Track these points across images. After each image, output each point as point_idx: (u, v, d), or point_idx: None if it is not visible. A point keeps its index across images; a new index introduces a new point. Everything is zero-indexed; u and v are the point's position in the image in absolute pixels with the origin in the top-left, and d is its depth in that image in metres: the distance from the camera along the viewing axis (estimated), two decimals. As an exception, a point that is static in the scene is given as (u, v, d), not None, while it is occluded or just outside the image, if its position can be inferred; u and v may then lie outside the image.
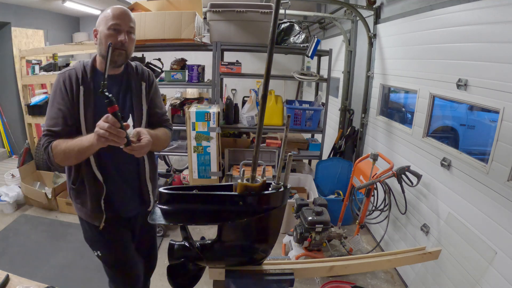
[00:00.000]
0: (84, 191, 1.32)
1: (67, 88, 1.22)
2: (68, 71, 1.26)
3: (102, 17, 1.25)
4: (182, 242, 0.70)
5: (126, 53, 1.27)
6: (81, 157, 1.19)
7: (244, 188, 0.60)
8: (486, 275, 1.59)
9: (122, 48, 1.24)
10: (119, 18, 1.22)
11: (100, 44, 1.25)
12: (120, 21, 1.22)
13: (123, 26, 1.23)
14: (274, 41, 0.53)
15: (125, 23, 1.24)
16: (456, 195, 1.89)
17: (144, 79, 1.41)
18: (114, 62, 1.25)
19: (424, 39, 2.26)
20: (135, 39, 1.31)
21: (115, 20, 1.21)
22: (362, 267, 0.71)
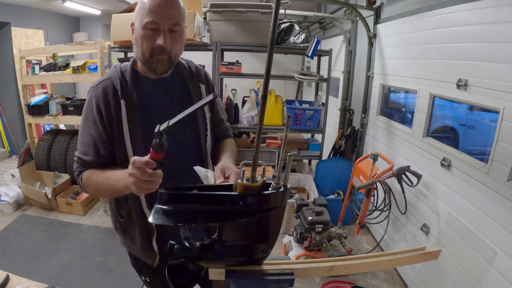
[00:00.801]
0: (133, 227, 1.10)
1: (102, 108, 0.98)
2: (102, 83, 1.01)
3: (138, 8, 0.98)
4: (182, 242, 0.70)
5: (170, 59, 0.98)
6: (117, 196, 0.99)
7: (244, 188, 0.60)
8: (486, 275, 1.59)
9: (162, 54, 0.95)
10: (156, 12, 0.91)
11: (136, 45, 0.98)
12: (157, 18, 0.92)
13: (162, 23, 0.92)
14: (274, 41, 0.53)
15: (165, 19, 0.92)
16: (456, 195, 1.89)
17: (202, 80, 1.14)
18: (154, 71, 0.99)
19: (424, 39, 2.26)
20: (183, 36, 0.99)
21: (151, 16, 0.91)
22: (362, 267, 0.71)
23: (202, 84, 1.13)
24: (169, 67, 1.01)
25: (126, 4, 4.30)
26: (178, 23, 0.95)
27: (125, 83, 1.00)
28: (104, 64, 3.28)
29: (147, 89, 1.04)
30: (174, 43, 0.96)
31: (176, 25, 0.95)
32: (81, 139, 1.02)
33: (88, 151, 1.00)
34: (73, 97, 4.00)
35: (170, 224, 0.61)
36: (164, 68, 0.99)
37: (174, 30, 0.95)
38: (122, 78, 1.01)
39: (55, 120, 3.48)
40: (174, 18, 0.94)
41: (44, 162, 3.56)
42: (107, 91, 0.99)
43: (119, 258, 2.59)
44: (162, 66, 0.98)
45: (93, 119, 0.99)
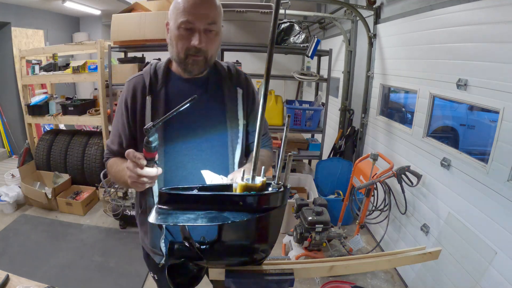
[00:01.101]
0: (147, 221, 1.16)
1: (129, 103, 1.00)
2: (135, 79, 1.03)
3: (172, 7, 0.94)
4: (182, 242, 0.70)
5: (205, 59, 0.95)
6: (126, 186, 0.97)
7: (244, 188, 0.60)
8: (486, 275, 1.59)
9: (198, 55, 0.93)
10: (191, 12, 0.89)
11: (171, 45, 0.96)
12: (192, 17, 0.89)
13: (197, 23, 0.90)
14: (274, 41, 0.53)
15: (201, 19, 0.90)
16: (456, 195, 1.89)
17: (241, 84, 1.07)
18: (189, 72, 0.98)
19: (424, 39, 2.26)
20: (219, 36, 0.97)
21: (186, 16, 0.89)
22: (362, 267, 0.71)
23: (240, 89, 1.06)
24: (205, 67, 0.98)
25: (126, 4, 4.30)
26: (214, 22, 0.92)
27: (155, 80, 1.01)
28: (104, 64, 3.28)
29: (177, 88, 1.01)
30: (209, 43, 0.93)
31: (212, 25, 0.92)
32: (112, 130, 1.08)
33: (114, 141, 1.05)
34: (73, 97, 4.00)
35: (170, 224, 0.61)
36: (200, 69, 0.97)
37: (210, 30, 0.92)
38: (153, 75, 1.01)
39: (55, 120, 3.48)
40: (210, 17, 0.91)
41: (44, 162, 3.56)
42: (136, 86, 1.01)
43: (119, 258, 2.59)
44: (197, 67, 0.96)
45: (121, 112, 1.02)
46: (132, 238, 2.88)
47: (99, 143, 3.47)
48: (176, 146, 0.99)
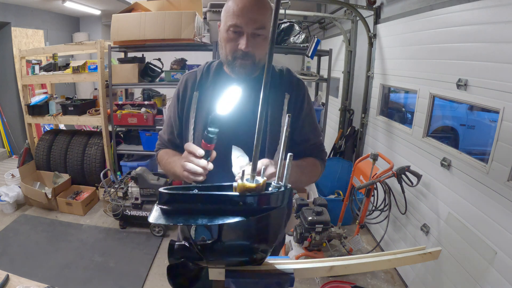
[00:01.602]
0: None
1: (180, 94, 1.05)
2: (189, 74, 1.08)
3: (224, 10, 0.95)
4: (182, 242, 0.70)
5: (253, 63, 0.95)
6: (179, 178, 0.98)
7: (244, 188, 0.60)
8: (486, 275, 1.59)
9: (245, 58, 0.93)
10: (240, 16, 0.89)
11: (221, 46, 0.98)
12: (241, 21, 0.90)
13: (245, 27, 0.90)
14: (274, 41, 0.53)
15: (249, 23, 0.90)
16: (456, 195, 1.89)
17: (290, 90, 1.04)
18: (237, 74, 0.98)
19: (424, 39, 2.26)
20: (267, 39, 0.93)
21: (235, 19, 0.90)
22: (362, 267, 0.71)
23: (288, 94, 1.03)
24: (253, 71, 0.98)
25: (126, 4, 4.30)
26: (263, 27, 0.92)
27: (206, 77, 1.04)
28: (104, 64, 3.28)
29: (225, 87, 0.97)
30: (257, 47, 0.93)
31: (260, 29, 0.91)
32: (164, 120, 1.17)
33: (166, 131, 1.11)
34: (73, 97, 4.00)
35: (170, 224, 0.61)
36: (247, 72, 0.97)
37: (258, 34, 0.92)
38: (205, 72, 1.05)
39: (55, 120, 3.48)
40: (258, 22, 0.90)
41: (44, 162, 3.56)
42: (188, 80, 1.06)
43: (119, 258, 2.59)
44: (245, 71, 0.96)
45: (174, 103, 1.08)
46: (132, 238, 2.88)
47: (99, 143, 3.47)
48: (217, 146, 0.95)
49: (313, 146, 1.10)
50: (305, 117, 1.06)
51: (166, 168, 1.05)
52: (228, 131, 0.98)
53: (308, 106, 1.07)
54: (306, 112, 1.06)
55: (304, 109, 1.06)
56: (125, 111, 3.25)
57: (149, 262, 2.52)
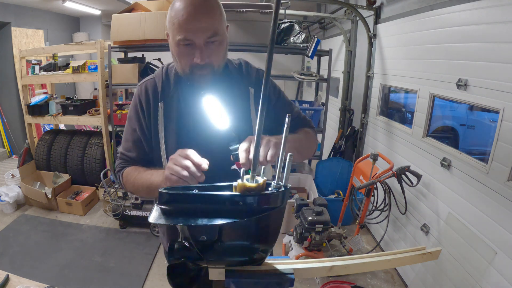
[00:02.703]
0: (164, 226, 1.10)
1: (144, 105, 0.97)
2: (146, 82, 0.99)
3: (168, 19, 0.87)
4: (182, 242, 0.70)
5: (213, 71, 0.90)
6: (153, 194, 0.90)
7: (244, 188, 0.60)
8: (486, 275, 1.59)
9: (203, 69, 0.88)
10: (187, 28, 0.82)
11: (174, 59, 0.92)
12: (190, 35, 0.82)
13: (196, 39, 0.83)
14: (274, 41, 0.53)
15: (199, 34, 0.82)
16: (456, 195, 1.89)
17: (253, 83, 1.00)
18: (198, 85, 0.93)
19: (424, 39, 2.26)
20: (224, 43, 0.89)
21: (183, 33, 0.82)
22: (362, 267, 0.71)
23: (252, 88, 0.99)
24: (213, 77, 0.92)
25: (126, 4, 4.30)
26: (216, 33, 0.84)
27: (167, 85, 0.97)
28: (104, 64, 3.28)
29: (189, 92, 0.97)
30: (213, 55, 0.87)
31: (212, 37, 0.84)
32: (125, 136, 1.02)
33: (131, 147, 0.99)
34: (73, 97, 4.00)
35: (170, 224, 0.61)
36: (208, 82, 0.91)
37: (212, 41, 0.85)
38: (165, 79, 0.98)
39: (55, 120, 3.48)
40: (209, 29, 0.83)
41: (44, 162, 3.56)
42: (148, 90, 0.98)
43: (119, 258, 2.59)
44: (205, 81, 0.91)
45: (137, 116, 0.98)
46: (132, 238, 2.88)
47: (99, 143, 3.47)
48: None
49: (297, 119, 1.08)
50: (276, 104, 1.04)
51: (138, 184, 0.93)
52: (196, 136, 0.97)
53: (274, 93, 1.04)
54: (274, 101, 1.04)
55: (271, 99, 1.03)
56: (125, 111, 3.25)
57: (149, 262, 2.52)
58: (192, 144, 0.93)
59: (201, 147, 0.95)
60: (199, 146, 0.95)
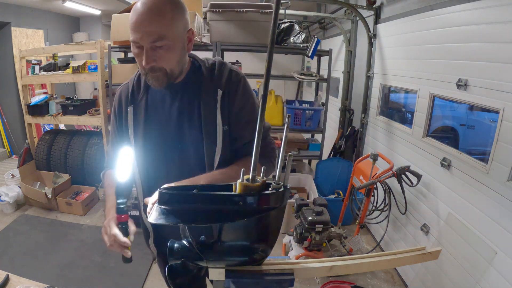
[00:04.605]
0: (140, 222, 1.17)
1: (117, 110, 1.03)
2: (122, 87, 1.04)
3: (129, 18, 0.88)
4: (182, 242, 0.70)
5: (166, 74, 0.89)
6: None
7: (244, 188, 0.60)
8: (486, 275, 1.59)
9: (154, 71, 0.87)
10: (135, 30, 0.83)
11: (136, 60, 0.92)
12: (137, 36, 0.83)
13: (142, 42, 0.84)
14: (274, 41, 0.53)
15: (145, 38, 0.83)
16: (456, 195, 1.89)
17: (222, 85, 0.95)
18: (154, 87, 0.93)
19: (424, 39, 2.26)
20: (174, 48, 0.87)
21: (133, 34, 0.84)
22: (362, 267, 0.71)
23: (220, 89, 0.95)
24: (168, 80, 0.91)
25: (126, 4, 4.30)
26: (161, 37, 0.83)
27: (137, 89, 1.00)
28: (104, 64, 3.28)
29: (157, 95, 1.00)
30: (161, 59, 0.86)
31: (158, 41, 0.83)
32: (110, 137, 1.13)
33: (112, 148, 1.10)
34: (73, 97, 4.01)
35: (170, 224, 0.61)
36: (162, 83, 0.90)
37: (158, 46, 0.84)
38: (136, 84, 1.01)
39: (55, 120, 3.48)
40: (154, 34, 0.82)
41: (44, 162, 3.56)
42: (122, 94, 1.02)
43: (119, 258, 2.58)
44: (158, 83, 0.90)
45: (114, 119, 1.06)
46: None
47: (99, 143, 3.47)
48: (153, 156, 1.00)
49: (248, 145, 0.97)
50: (239, 111, 0.96)
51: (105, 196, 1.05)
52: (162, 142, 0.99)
53: (242, 98, 0.96)
54: (239, 106, 0.96)
55: (235, 103, 0.96)
56: (125, 111, 3.24)
57: (149, 262, 2.52)
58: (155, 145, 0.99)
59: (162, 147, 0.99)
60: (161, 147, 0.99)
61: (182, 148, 0.98)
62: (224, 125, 0.94)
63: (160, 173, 1.00)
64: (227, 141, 0.96)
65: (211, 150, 0.95)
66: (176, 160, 1.00)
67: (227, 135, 0.95)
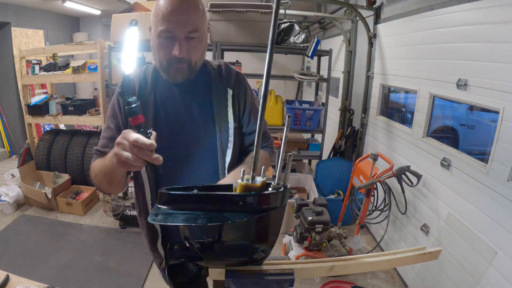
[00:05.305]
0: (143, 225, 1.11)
1: (120, 103, 0.97)
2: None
3: (152, 13, 0.90)
4: (182, 242, 0.70)
5: (189, 66, 0.92)
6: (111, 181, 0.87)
7: (244, 188, 0.60)
8: (486, 275, 1.59)
9: (180, 63, 0.90)
10: (170, 20, 0.84)
11: (154, 53, 0.93)
12: (172, 26, 0.85)
13: (177, 32, 0.85)
14: (274, 41, 0.53)
15: (180, 27, 0.85)
16: (456, 195, 1.89)
17: (231, 85, 1.02)
18: (173, 80, 0.95)
19: (424, 39, 2.26)
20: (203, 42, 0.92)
21: (165, 24, 0.85)
22: (362, 267, 0.71)
23: (230, 89, 1.01)
24: (189, 74, 0.94)
25: (126, 4, 4.30)
26: (196, 29, 0.87)
27: (144, 84, 0.98)
28: (104, 64, 3.28)
29: (166, 92, 0.99)
30: (192, 50, 0.89)
31: (193, 32, 0.87)
32: (102, 134, 1.00)
33: (108, 144, 0.97)
34: (73, 97, 4.00)
35: (169, 224, 0.61)
36: (184, 76, 0.93)
37: (192, 37, 0.88)
38: (143, 79, 0.99)
39: (55, 120, 3.48)
40: (191, 24, 0.86)
41: (44, 162, 3.55)
42: None
43: (119, 258, 2.59)
44: (181, 75, 0.93)
45: (114, 115, 0.98)
46: (132, 238, 2.88)
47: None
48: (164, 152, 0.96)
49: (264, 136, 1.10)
50: (251, 109, 1.05)
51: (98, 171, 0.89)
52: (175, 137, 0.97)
53: (251, 98, 1.06)
54: (251, 105, 1.05)
55: (248, 102, 1.04)
56: (125, 111, 3.24)
57: (149, 262, 2.52)
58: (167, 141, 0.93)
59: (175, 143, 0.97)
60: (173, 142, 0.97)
61: (194, 145, 0.98)
62: (234, 122, 1.00)
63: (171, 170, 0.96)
64: (237, 138, 1.01)
65: (225, 145, 0.99)
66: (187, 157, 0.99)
67: (237, 132, 1.01)
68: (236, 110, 1.01)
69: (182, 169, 0.98)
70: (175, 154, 0.97)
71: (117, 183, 0.88)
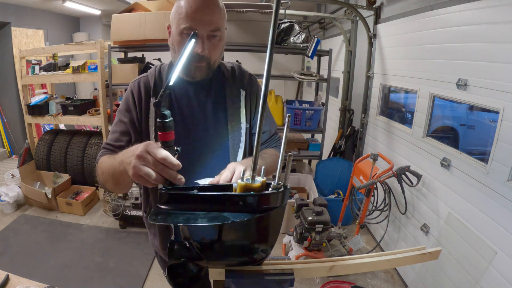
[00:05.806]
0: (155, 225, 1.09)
1: (136, 99, 0.98)
2: (140, 79, 1.02)
3: (174, 11, 0.91)
4: (182, 242, 0.70)
5: (209, 65, 0.94)
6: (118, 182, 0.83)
7: (244, 188, 0.60)
8: (486, 275, 1.59)
9: (201, 61, 0.92)
10: (194, 18, 0.86)
11: (173, 50, 0.95)
12: (195, 24, 0.86)
13: (200, 30, 0.87)
14: (274, 41, 0.53)
15: (204, 26, 0.87)
16: (456, 195, 1.89)
17: (244, 86, 1.05)
18: (192, 78, 0.96)
19: (424, 39, 2.26)
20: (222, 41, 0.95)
21: (188, 22, 0.86)
22: (362, 267, 0.71)
23: (243, 90, 1.04)
24: (207, 73, 0.96)
25: (126, 4, 4.30)
26: (218, 28, 0.90)
27: (159, 82, 0.99)
28: (104, 64, 3.28)
29: (181, 91, 1.00)
30: (213, 49, 0.92)
31: (215, 31, 0.89)
32: (112, 128, 0.99)
33: (118, 138, 0.96)
34: (73, 97, 4.00)
35: (169, 224, 0.61)
36: (202, 75, 0.95)
37: (214, 36, 0.90)
38: (158, 77, 1.00)
39: (55, 120, 3.48)
40: (213, 23, 0.88)
41: (44, 162, 3.56)
42: (141, 86, 0.99)
43: (119, 258, 2.59)
44: (200, 74, 0.95)
45: (128, 109, 0.98)
46: (132, 238, 2.88)
47: (99, 143, 3.47)
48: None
49: (273, 137, 1.13)
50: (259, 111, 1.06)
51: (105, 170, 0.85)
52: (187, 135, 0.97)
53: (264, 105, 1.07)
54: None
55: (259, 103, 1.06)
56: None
57: (149, 262, 2.52)
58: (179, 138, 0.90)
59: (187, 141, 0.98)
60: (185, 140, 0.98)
61: (206, 144, 0.99)
62: (247, 123, 1.03)
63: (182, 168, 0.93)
64: (247, 138, 1.05)
65: (236, 145, 1.01)
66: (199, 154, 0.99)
67: (248, 132, 1.04)
68: (248, 111, 1.04)
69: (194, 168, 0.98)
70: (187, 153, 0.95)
71: (124, 186, 0.87)
